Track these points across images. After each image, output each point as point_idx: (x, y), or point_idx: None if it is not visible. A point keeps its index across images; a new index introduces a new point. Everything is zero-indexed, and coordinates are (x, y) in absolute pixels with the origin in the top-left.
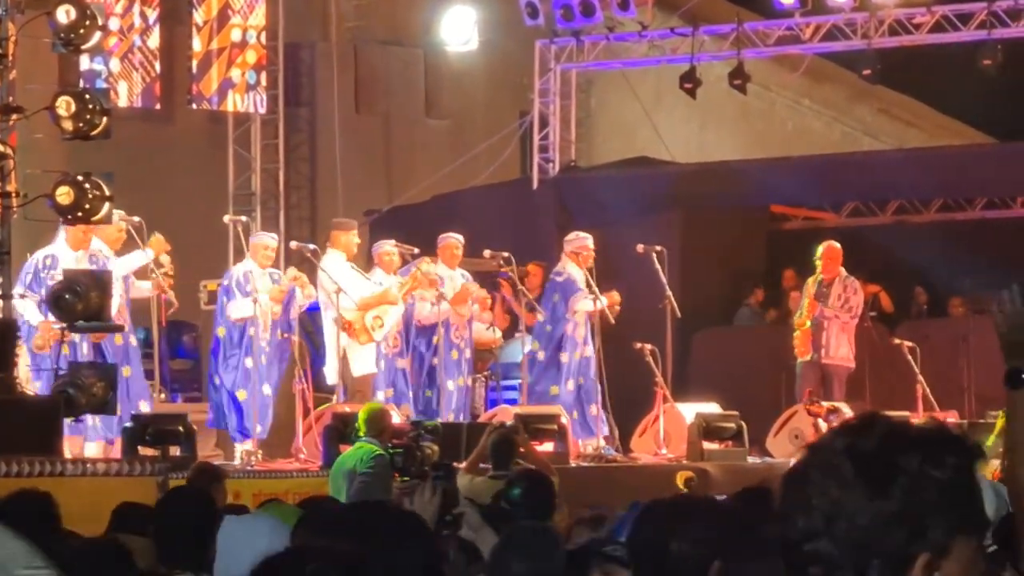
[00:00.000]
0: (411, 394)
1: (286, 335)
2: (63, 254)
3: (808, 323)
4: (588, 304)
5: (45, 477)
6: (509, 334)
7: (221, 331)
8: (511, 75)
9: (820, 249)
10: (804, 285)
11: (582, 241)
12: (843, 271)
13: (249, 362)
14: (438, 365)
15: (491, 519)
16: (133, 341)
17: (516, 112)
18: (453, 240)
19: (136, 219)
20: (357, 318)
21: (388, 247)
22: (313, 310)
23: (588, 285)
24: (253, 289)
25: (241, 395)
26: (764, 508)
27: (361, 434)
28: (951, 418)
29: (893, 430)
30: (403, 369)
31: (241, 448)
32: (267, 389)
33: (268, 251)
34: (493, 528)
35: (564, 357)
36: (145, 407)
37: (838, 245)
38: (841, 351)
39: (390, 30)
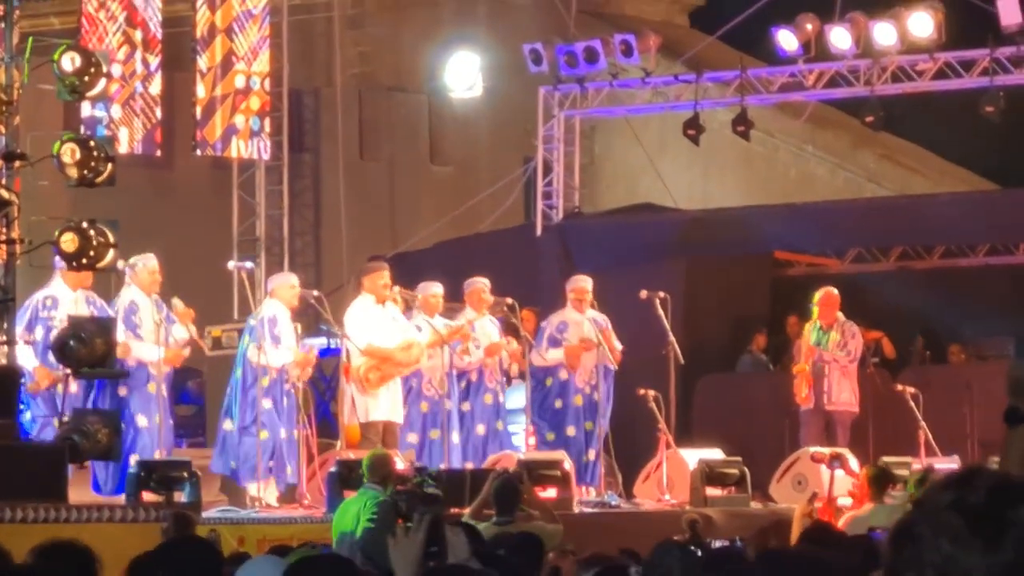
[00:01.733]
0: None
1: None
2: (62, 295)
3: (807, 367)
4: (539, 360)
5: (50, 523)
6: (509, 380)
7: (238, 372)
8: (515, 121)
9: (818, 295)
10: (806, 332)
11: (574, 283)
12: (841, 316)
13: (267, 404)
14: (468, 411)
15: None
16: (163, 391)
17: (520, 158)
18: (480, 284)
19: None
20: (356, 366)
21: (434, 289)
22: (321, 354)
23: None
24: (279, 333)
25: (263, 435)
26: None
27: (365, 480)
28: (953, 464)
29: (999, 483)
30: (449, 411)
31: (249, 493)
32: (283, 433)
33: (295, 289)
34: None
35: (558, 403)
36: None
37: (835, 291)
38: (843, 396)
39: (394, 76)
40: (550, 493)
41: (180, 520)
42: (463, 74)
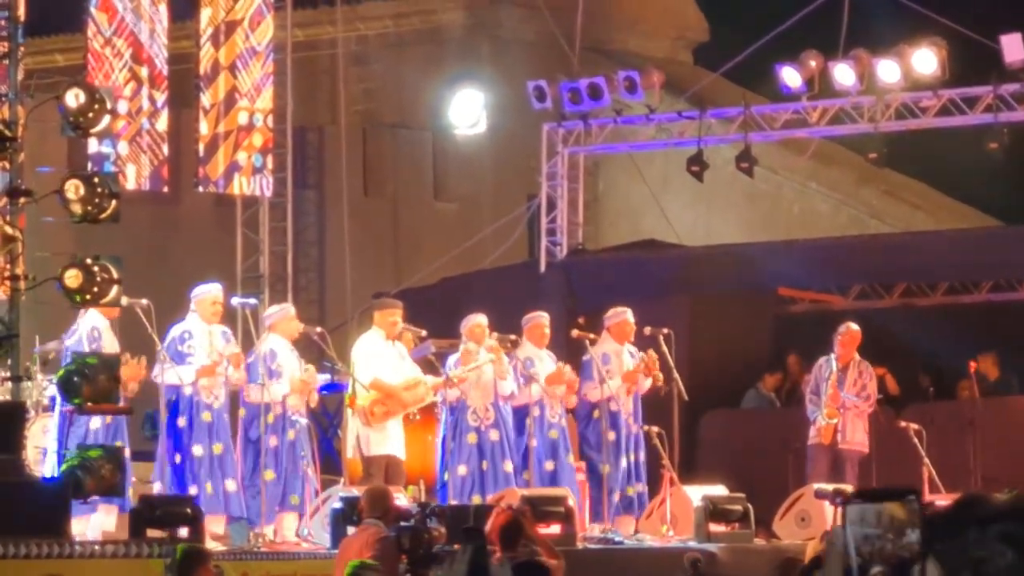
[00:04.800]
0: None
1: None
2: (101, 323)
3: (837, 412)
4: (596, 394)
5: (53, 559)
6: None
7: (242, 412)
8: (519, 158)
9: (840, 330)
10: (818, 367)
11: (618, 316)
12: (857, 356)
13: (273, 441)
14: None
15: None
16: (207, 417)
17: (524, 195)
18: (542, 319)
19: (144, 302)
20: (362, 398)
21: (479, 320)
22: (323, 390)
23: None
24: (279, 367)
25: (268, 475)
26: None
27: (365, 516)
28: None
29: None
30: (495, 442)
31: (253, 530)
32: (287, 468)
33: (296, 321)
34: None
35: (611, 435)
36: (232, 485)
37: (856, 327)
38: (857, 436)
39: (398, 113)
40: (554, 529)
41: (191, 555)
42: (467, 111)
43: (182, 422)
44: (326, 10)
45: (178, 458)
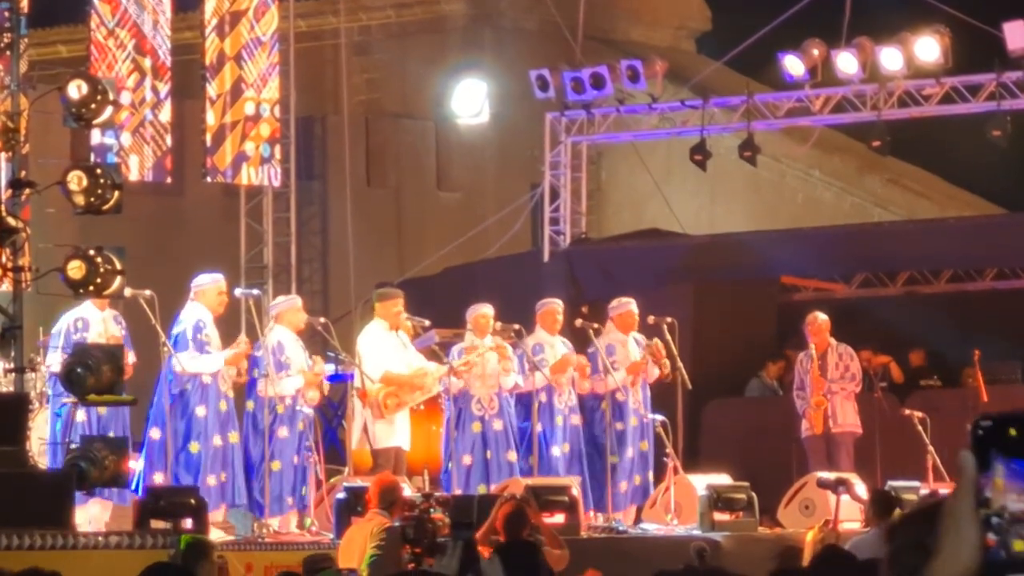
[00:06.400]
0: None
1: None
2: (91, 315)
3: (824, 400)
4: (601, 386)
5: (56, 550)
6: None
7: (250, 404)
8: (522, 148)
9: (807, 320)
10: (799, 362)
11: (623, 307)
12: (833, 340)
13: (284, 432)
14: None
15: None
16: (224, 406)
17: (527, 184)
18: (555, 305)
19: (147, 292)
20: (374, 391)
21: (483, 310)
22: (328, 380)
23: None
24: (287, 359)
25: (276, 466)
26: None
27: (372, 506)
28: None
29: None
30: (499, 431)
31: (258, 519)
32: (295, 459)
33: (302, 313)
34: None
35: (619, 426)
36: (243, 476)
37: (823, 315)
38: (848, 418)
39: (401, 103)
40: (558, 519)
41: (195, 546)
42: (470, 100)
43: (201, 411)
44: (329, 0)
45: (195, 447)
